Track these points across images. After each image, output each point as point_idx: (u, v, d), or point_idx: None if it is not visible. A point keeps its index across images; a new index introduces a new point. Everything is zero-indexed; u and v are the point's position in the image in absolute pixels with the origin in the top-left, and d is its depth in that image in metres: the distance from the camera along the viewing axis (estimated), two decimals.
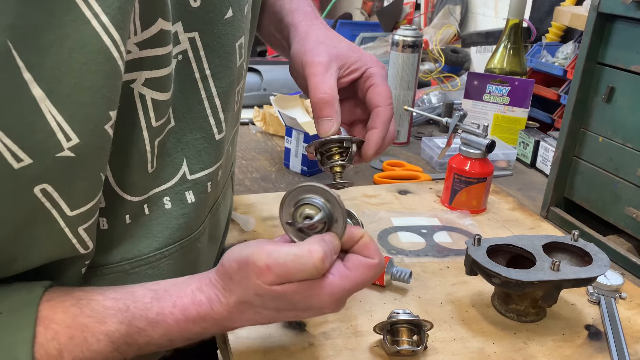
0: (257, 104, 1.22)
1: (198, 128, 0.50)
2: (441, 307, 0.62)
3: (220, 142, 0.53)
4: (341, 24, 1.97)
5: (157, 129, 0.46)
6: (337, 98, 0.53)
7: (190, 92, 0.48)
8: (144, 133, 0.45)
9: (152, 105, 0.44)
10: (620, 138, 0.74)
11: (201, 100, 0.49)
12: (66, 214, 0.40)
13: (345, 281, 0.44)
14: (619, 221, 0.75)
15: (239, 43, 0.51)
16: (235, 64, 0.52)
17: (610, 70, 0.75)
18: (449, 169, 0.84)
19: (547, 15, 1.37)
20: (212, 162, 0.53)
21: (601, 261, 0.58)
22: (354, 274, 0.44)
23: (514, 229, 0.80)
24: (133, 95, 0.43)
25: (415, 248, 0.73)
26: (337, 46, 0.56)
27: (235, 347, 0.54)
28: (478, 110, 1.15)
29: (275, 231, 0.75)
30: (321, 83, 0.53)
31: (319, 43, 0.55)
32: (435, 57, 1.49)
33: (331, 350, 0.54)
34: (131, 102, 0.43)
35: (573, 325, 0.60)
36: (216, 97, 0.50)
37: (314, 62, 0.53)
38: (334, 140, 0.54)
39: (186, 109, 0.49)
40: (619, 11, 0.71)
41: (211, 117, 0.51)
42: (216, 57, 0.49)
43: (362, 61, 0.56)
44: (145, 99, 0.44)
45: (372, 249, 0.45)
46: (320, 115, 0.53)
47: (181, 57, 0.47)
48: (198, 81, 0.49)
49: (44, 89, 0.35)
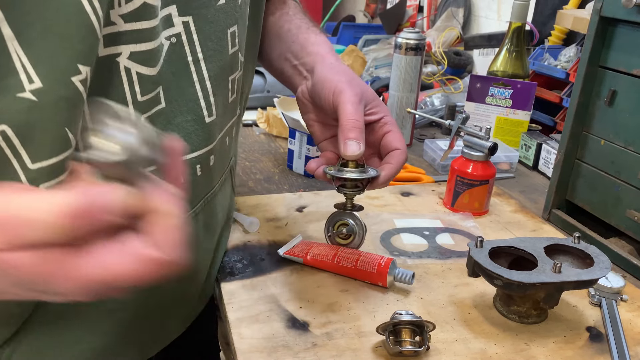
0: (260, 106, 1.23)
1: (189, 110, 0.51)
2: (443, 308, 0.62)
3: (211, 125, 0.54)
4: (344, 27, 1.98)
5: (143, 104, 0.47)
6: (364, 128, 0.57)
7: (183, 75, 0.50)
8: (129, 107, 0.46)
9: (137, 79, 0.45)
10: (622, 141, 0.74)
11: (193, 83, 0.51)
12: (27, 166, 0.40)
13: (100, 270, 0.31)
14: (620, 224, 0.76)
15: (232, 31, 0.53)
16: (228, 51, 0.53)
17: (612, 73, 0.75)
18: (452, 171, 0.85)
19: (549, 19, 1.38)
20: (202, 145, 0.54)
21: (602, 263, 0.58)
22: (119, 263, 0.31)
23: (516, 231, 0.80)
24: (119, 68, 0.44)
25: (418, 250, 0.74)
26: (364, 88, 0.61)
27: (239, 347, 0.55)
28: (480, 112, 1.15)
29: (278, 232, 0.76)
30: (355, 111, 0.57)
31: (352, 79, 0.59)
32: (438, 59, 1.50)
33: (334, 350, 0.55)
34: (117, 76, 0.44)
35: (574, 327, 0.60)
36: (207, 80, 0.52)
37: (348, 92, 0.57)
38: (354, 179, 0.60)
39: (178, 91, 0.50)
40: (621, 15, 0.71)
41: (202, 100, 0.52)
42: (209, 41, 0.50)
43: (381, 107, 0.61)
44: (130, 72, 0.45)
45: (168, 240, 0.32)
46: (348, 137, 0.56)
47: (175, 40, 0.48)
48: (190, 64, 0.50)
49: (13, 30, 0.36)
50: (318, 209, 0.83)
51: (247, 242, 0.74)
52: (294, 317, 0.59)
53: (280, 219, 0.80)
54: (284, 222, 0.79)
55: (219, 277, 0.67)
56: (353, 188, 0.63)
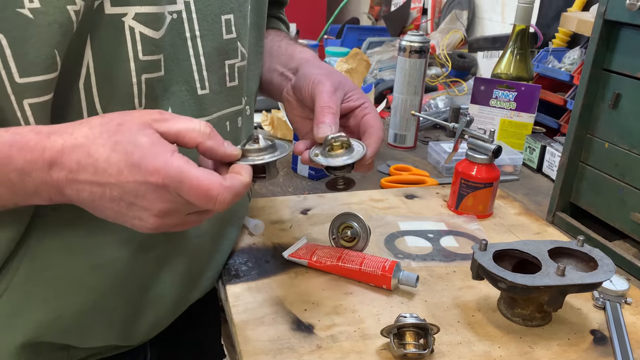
0: (265, 108, 1.23)
1: (183, 81, 0.56)
2: (447, 311, 0.62)
3: (203, 98, 0.58)
4: (348, 29, 1.98)
5: (144, 63, 0.51)
6: (338, 113, 0.61)
7: (180, 48, 0.55)
8: (130, 64, 0.50)
9: (140, 38, 0.49)
10: (626, 144, 0.74)
11: (188, 57, 0.56)
12: (14, 79, 0.44)
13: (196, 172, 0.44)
14: (624, 227, 0.76)
15: (226, 18, 0.59)
16: (222, 35, 0.58)
17: (616, 76, 0.75)
18: (456, 174, 0.85)
19: (553, 21, 1.38)
20: (195, 115, 0.58)
21: (607, 266, 0.58)
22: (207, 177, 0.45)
23: (520, 234, 0.80)
24: (123, 28, 0.48)
25: (422, 252, 0.74)
26: (342, 79, 0.65)
27: (245, 349, 0.55)
28: (485, 115, 1.15)
29: (283, 235, 0.76)
30: (329, 99, 0.61)
31: (330, 73, 0.65)
32: (442, 62, 1.50)
33: (339, 352, 0.55)
34: (121, 35, 0.48)
35: (578, 329, 0.60)
36: (202, 56, 0.57)
37: (325, 82, 0.62)
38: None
39: (175, 63, 0.54)
40: (625, 18, 0.71)
41: (195, 73, 0.57)
42: (205, 22, 0.56)
43: (361, 95, 0.65)
44: (134, 32, 0.49)
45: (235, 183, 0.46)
46: (321, 120, 0.60)
47: (176, 16, 0.53)
48: (187, 40, 0.55)
49: None
50: (322, 211, 0.84)
51: (252, 244, 0.74)
52: (299, 320, 0.59)
53: (285, 221, 0.80)
54: (288, 225, 0.79)
55: (224, 280, 0.67)
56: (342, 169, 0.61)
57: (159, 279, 0.60)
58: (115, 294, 0.57)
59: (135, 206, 0.45)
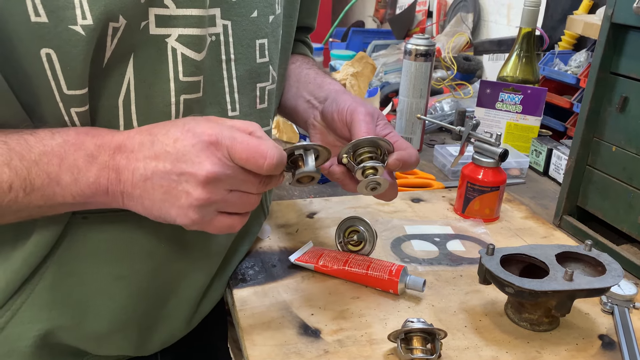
0: None
1: (216, 103, 0.57)
2: (455, 315, 0.62)
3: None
4: (353, 32, 1.98)
5: (184, 84, 0.52)
6: None
7: (215, 71, 0.56)
8: (170, 84, 0.51)
9: (181, 59, 0.51)
10: (633, 148, 0.74)
11: (222, 79, 0.57)
12: (63, 90, 0.46)
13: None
14: (632, 230, 0.75)
15: (260, 42, 0.60)
16: (255, 58, 0.60)
17: (623, 80, 0.75)
18: (462, 177, 0.85)
19: (559, 24, 1.37)
20: None
21: (615, 271, 0.58)
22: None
23: (527, 238, 0.80)
24: (166, 48, 0.50)
25: (429, 256, 0.74)
26: (372, 108, 0.66)
27: (252, 353, 0.55)
28: (491, 118, 1.15)
29: (289, 239, 0.76)
30: (366, 127, 0.61)
31: (362, 101, 0.66)
32: (447, 64, 1.50)
33: (346, 357, 0.55)
34: (163, 55, 0.50)
35: (586, 334, 0.60)
36: (234, 78, 0.58)
37: (362, 110, 0.62)
38: (370, 142, 0.59)
39: (210, 84, 0.56)
40: (632, 22, 0.71)
41: (227, 95, 0.58)
42: (240, 45, 0.57)
43: (388, 124, 0.66)
44: (176, 53, 0.50)
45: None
46: None
47: (214, 38, 0.54)
48: (223, 62, 0.56)
49: None
50: (328, 215, 0.84)
51: (258, 248, 0.74)
52: (306, 324, 0.59)
53: (291, 225, 0.80)
54: (294, 229, 0.79)
55: (231, 284, 0.67)
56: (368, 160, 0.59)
57: (177, 293, 0.61)
58: (135, 305, 0.58)
59: (184, 175, 0.46)
